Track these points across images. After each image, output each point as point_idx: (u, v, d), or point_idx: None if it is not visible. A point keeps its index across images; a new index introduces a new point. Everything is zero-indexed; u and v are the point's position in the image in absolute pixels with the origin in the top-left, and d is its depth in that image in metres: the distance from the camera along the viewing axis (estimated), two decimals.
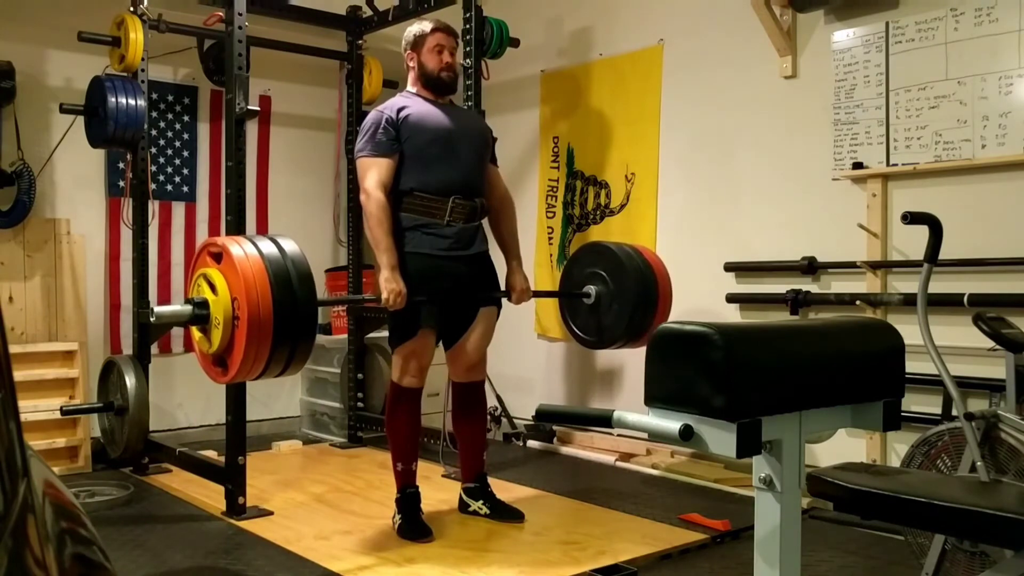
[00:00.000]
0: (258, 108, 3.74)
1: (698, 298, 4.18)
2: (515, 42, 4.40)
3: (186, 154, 5.01)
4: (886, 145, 3.59)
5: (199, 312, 2.75)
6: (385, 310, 3.14)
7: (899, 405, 1.59)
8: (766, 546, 1.47)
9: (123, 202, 4.46)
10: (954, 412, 2.60)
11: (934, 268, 2.57)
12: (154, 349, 4.44)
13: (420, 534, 3.18)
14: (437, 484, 3.93)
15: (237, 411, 3.54)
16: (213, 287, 2.73)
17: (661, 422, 1.36)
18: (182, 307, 2.80)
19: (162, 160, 4.91)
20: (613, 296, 3.70)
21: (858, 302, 3.60)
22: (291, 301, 2.71)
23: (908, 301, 3.36)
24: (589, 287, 3.76)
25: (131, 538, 3.21)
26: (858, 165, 3.64)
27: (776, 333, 1.52)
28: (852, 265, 3.64)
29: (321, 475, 4.21)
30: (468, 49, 4.15)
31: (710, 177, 4.28)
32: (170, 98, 4.94)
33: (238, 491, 3.49)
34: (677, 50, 4.44)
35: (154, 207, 4.61)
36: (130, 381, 3.91)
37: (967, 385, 3.16)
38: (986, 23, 3.29)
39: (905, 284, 3.50)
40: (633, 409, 1.43)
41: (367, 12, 4.95)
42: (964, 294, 3.24)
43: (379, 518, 3.42)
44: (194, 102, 5.03)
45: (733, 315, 4.14)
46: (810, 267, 3.80)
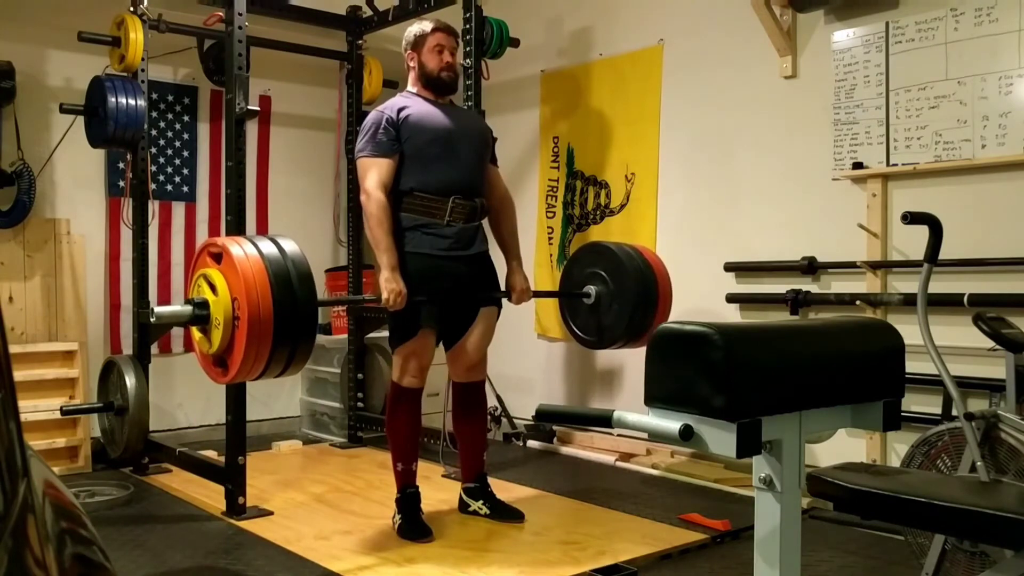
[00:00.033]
0: (258, 108, 3.74)
1: (698, 298, 4.18)
2: (515, 42, 4.40)
3: (186, 154, 5.01)
4: (886, 145, 3.59)
5: (199, 312, 2.76)
6: (385, 310, 3.14)
7: (899, 405, 1.59)
8: (766, 546, 1.47)
9: (123, 202, 4.46)
10: (954, 412, 2.60)
11: (934, 268, 2.58)
12: (154, 349, 4.44)
13: (420, 534, 3.18)
14: (437, 484, 3.93)
15: (237, 411, 3.55)
16: (213, 287, 2.73)
17: (661, 422, 1.36)
18: (182, 307, 2.80)
19: (162, 160, 4.91)
20: (613, 296, 3.70)
21: (858, 302, 3.61)
22: (291, 301, 2.71)
23: (908, 301, 3.37)
24: (589, 287, 3.76)
25: (131, 538, 3.21)
26: (858, 165, 3.64)
27: (776, 333, 1.52)
28: (852, 265, 3.64)
29: (321, 475, 4.21)
30: (468, 49, 4.15)
31: (710, 177, 4.28)
32: (170, 98, 4.94)
33: (238, 491, 3.49)
34: (677, 50, 4.44)
35: (154, 207, 4.61)
36: (130, 381, 3.91)
37: (967, 385, 3.16)
38: (986, 23, 3.30)
39: (905, 284, 3.50)
40: (633, 409, 1.43)
41: (367, 12, 4.95)
42: (964, 294, 3.24)
43: (379, 518, 3.42)
44: (194, 102, 5.03)
45: (733, 315, 4.14)
46: (810, 267, 3.80)
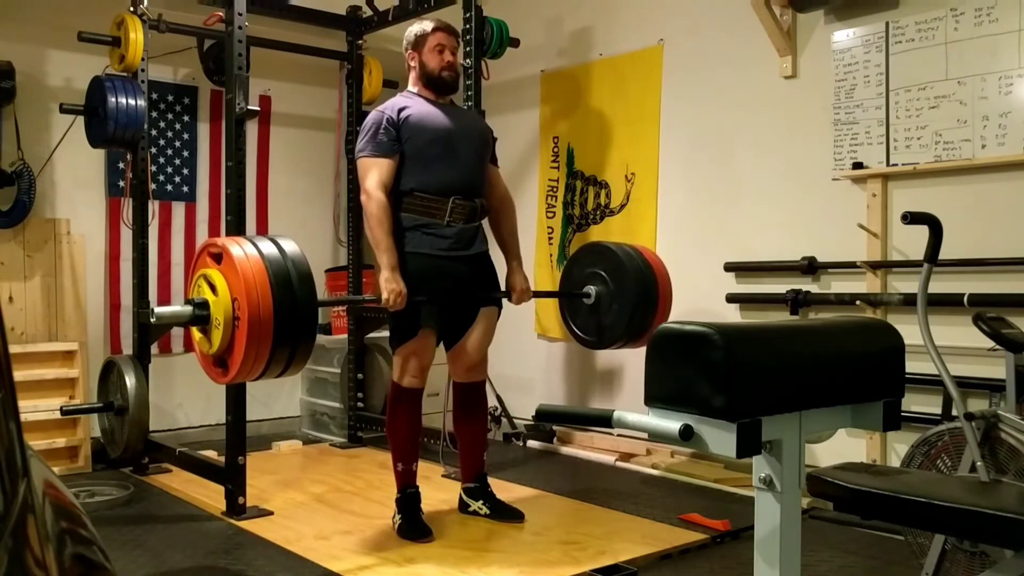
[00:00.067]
0: (258, 108, 3.74)
1: (698, 298, 4.18)
2: (515, 42, 4.40)
3: (186, 154, 5.01)
4: (886, 145, 3.59)
5: (199, 313, 2.76)
6: (385, 310, 3.14)
7: (899, 405, 1.59)
8: (766, 546, 1.47)
9: (123, 202, 4.46)
10: (954, 412, 2.60)
11: (934, 268, 2.58)
12: (154, 349, 4.44)
13: (420, 534, 3.18)
14: (437, 484, 3.93)
15: (237, 411, 3.54)
16: (213, 288, 2.73)
17: (661, 422, 1.36)
18: (182, 308, 2.80)
19: (162, 160, 4.91)
20: (613, 296, 3.70)
21: (858, 302, 3.61)
22: (291, 301, 2.71)
23: (908, 301, 3.37)
24: (589, 287, 3.76)
25: (131, 538, 3.21)
26: (858, 165, 3.64)
27: (776, 333, 1.52)
28: (852, 265, 3.64)
29: (321, 475, 4.21)
30: (468, 49, 4.15)
31: (710, 177, 4.28)
32: (170, 98, 4.94)
33: (238, 491, 3.49)
34: (677, 50, 4.44)
35: (154, 207, 4.61)
36: (130, 381, 3.91)
37: (967, 385, 3.16)
38: (986, 23, 3.30)
39: (905, 284, 3.50)
40: (633, 409, 1.43)
41: (367, 12, 4.95)
42: (964, 294, 3.24)
43: (379, 518, 3.42)
44: (194, 102, 5.03)
45: (733, 315, 4.14)
46: (810, 267, 3.80)
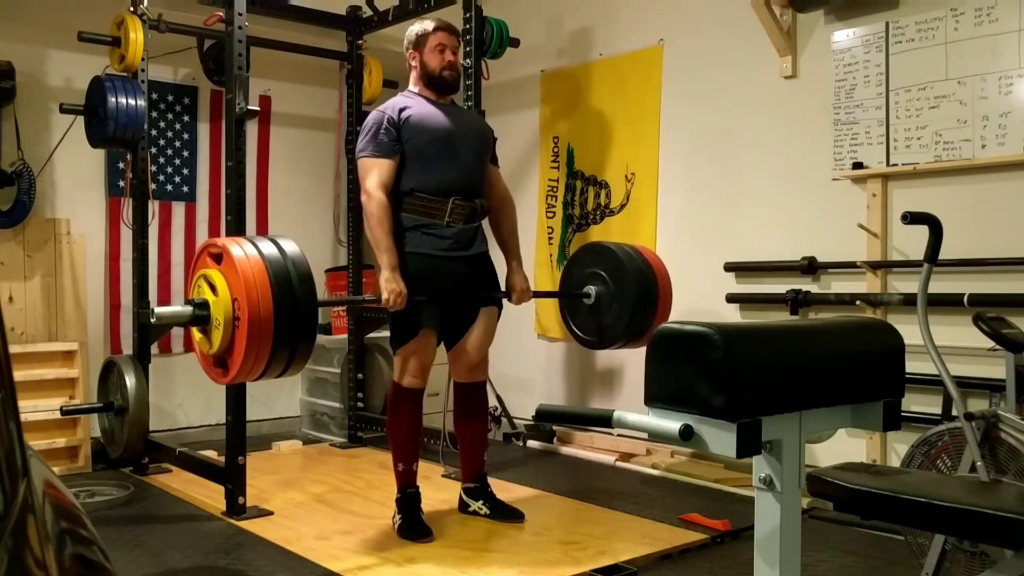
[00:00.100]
0: (258, 108, 3.74)
1: (698, 298, 4.18)
2: (515, 42, 4.40)
3: (186, 154, 5.01)
4: (886, 145, 3.59)
5: (199, 313, 2.76)
6: (385, 310, 3.14)
7: (899, 405, 1.59)
8: (766, 546, 1.47)
9: (123, 202, 4.46)
10: (954, 412, 2.60)
11: (934, 268, 2.58)
12: (154, 349, 4.44)
13: (420, 534, 3.18)
14: (437, 484, 3.93)
15: (237, 411, 3.54)
16: (213, 288, 2.73)
17: (661, 422, 1.36)
18: (182, 308, 2.80)
19: (162, 160, 4.91)
20: (613, 296, 3.70)
21: (858, 302, 3.60)
22: (291, 302, 2.71)
23: (908, 301, 3.37)
24: (589, 287, 3.76)
25: (131, 538, 3.21)
26: (858, 165, 3.64)
27: (776, 333, 1.52)
28: (852, 265, 3.64)
29: (321, 475, 4.21)
30: (468, 49, 4.14)
31: (710, 177, 4.28)
32: (170, 98, 4.94)
33: (238, 491, 3.49)
34: (677, 50, 4.44)
35: (154, 207, 4.61)
36: (130, 381, 3.91)
37: (967, 385, 3.16)
38: (986, 23, 3.29)
39: (905, 284, 3.50)
40: (633, 409, 1.43)
41: (367, 12, 4.95)
42: (964, 294, 3.24)
43: (379, 518, 3.42)
44: (194, 102, 5.03)
45: (733, 315, 4.14)
46: (810, 267, 3.80)
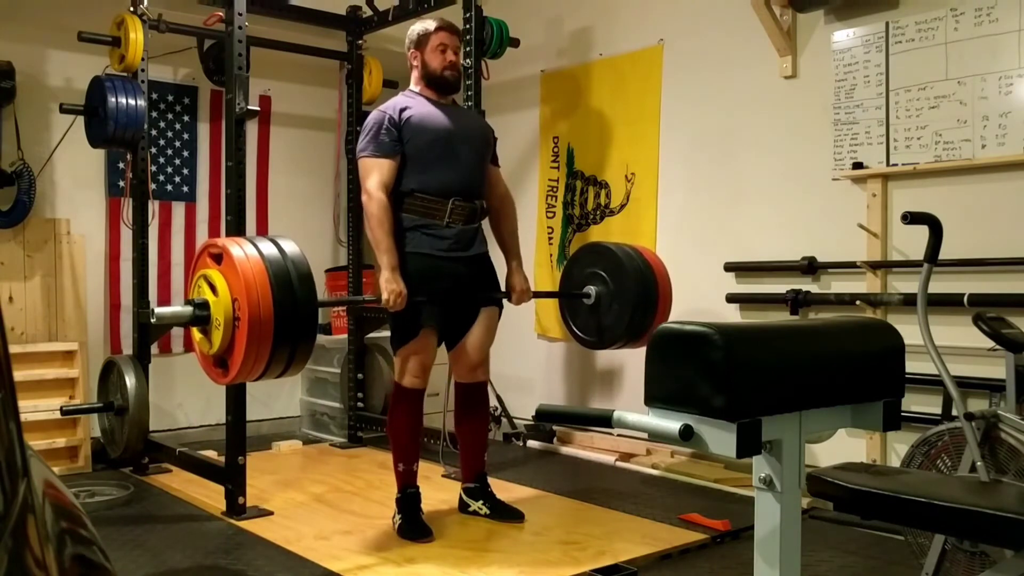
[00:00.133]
0: (258, 108, 3.74)
1: (698, 298, 4.18)
2: (515, 42, 4.39)
3: (186, 154, 5.01)
4: (886, 145, 3.59)
5: (199, 313, 2.76)
6: (385, 310, 3.14)
7: (899, 405, 1.59)
8: (766, 546, 1.47)
9: (123, 202, 4.46)
10: (954, 412, 2.60)
11: (934, 268, 2.58)
12: (154, 349, 4.44)
13: (420, 534, 3.18)
14: (437, 484, 3.93)
15: (237, 411, 3.54)
16: (213, 288, 2.73)
17: (661, 422, 1.36)
18: (182, 308, 2.80)
19: (162, 160, 4.91)
20: (613, 296, 3.70)
21: (858, 302, 3.60)
22: (291, 302, 2.71)
23: (908, 301, 3.36)
24: (589, 287, 3.76)
25: (131, 538, 3.21)
26: (858, 165, 3.64)
27: (776, 333, 1.52)
28: (852, 265, 3.64)
29: (321, 475, 4.21)
30: (468, 49, 4.14)
31: (710, 177, 4.28)
32: (170, 98, 4.94)
33: (238, 491, 3.49)
34: (677, 50, 4.44)
35: (154, 207, 4.61)
36: (130, 381, 3.91)
37: (967, 385, 3.16)
38: (986, 23, 3.29)
39: (905, 284, 3.50)
40: (633, 409, 1.43)
41: (367, 12, 4.94)
42: (964, 294, 3.24)
43: (379, 518, 3.42)
44: (194, 102, 5.03)
45: (733, 315, 4.14)
46: (810, 267, 3.80)
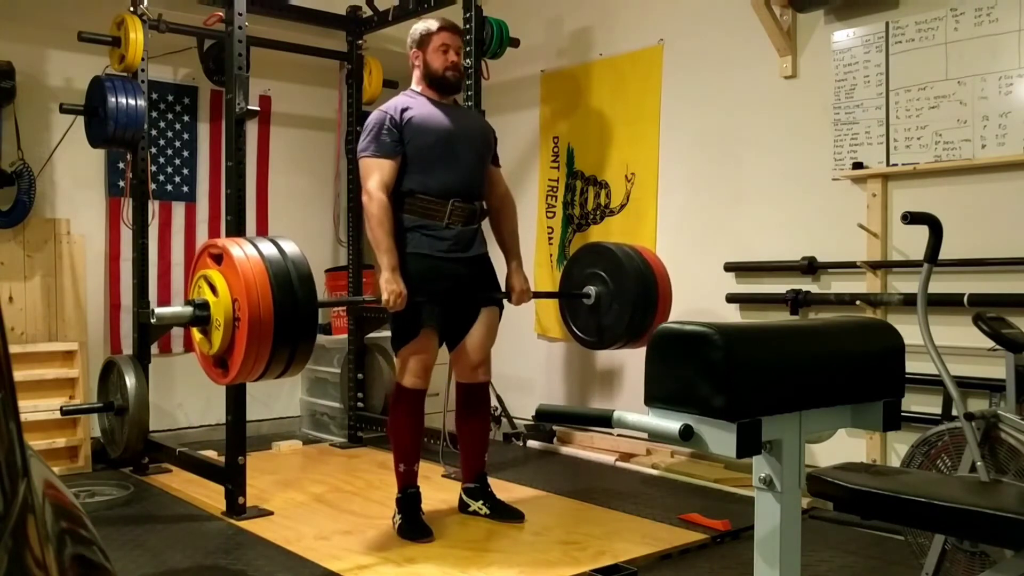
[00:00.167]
0: (258, 108, 3.74)
1: (698, 298, 4.18)
2: (515, 42, 4.39)
3: (186, 154, 5.01)
4: (886, 145, 3.59)
5: (199, 313, 2.76)
6: (385, 310, 3.14)
7: (899, 405, 1.59)
8: (766, 546, 1.47)
9: (123, 202, 4.46)
10: (954, 412, 2.60)
11: (934, 268, 2.58)
12: (154, 349, 4.44)
13: (420, 534, 3.18)
14: (437, 484, 3.93)
15: (237, 411, 3.54)
16: (214, 288, 2.73)
17: (661, 422, 1.36)
18: (183, 308, 2.80)
19: (162, 160, 4.91)
20: (613, 296, 3.70)
21: (858, 302, 3.60)
22: (292, 302, 2.71)
23: (908, 301, 3.36)
24: (589, 287, 3.76)
25: (131, 538, 3.21)
26: (858, 165, 3.64)
27: (776, 333, 1.52)
28: (852, 265, 3.64)
29: (321, 475, 4.21)
30: (468, 49, 4.14)
31: (710, 177, 4.28)
32: (170, 98, 4.94)
33: (238, 491, 3.49)
34: (677, 50, 4.44)
35: (154, 207, 4.61)
36: (130, 381, 3.91)
37: (967, 385, 3.16)
38: (986, 23, 3.29)
39: (905, 284, 3.50)
40: (633, 409, 1.43)
41: (367, 12, 4.94)
42: (964, 294, 3.24)
43: (379, 518, 3.42)
44: (194, 102, 5.03)
45: (733, 315, 4.13)
46: (810, 267, 3.80)
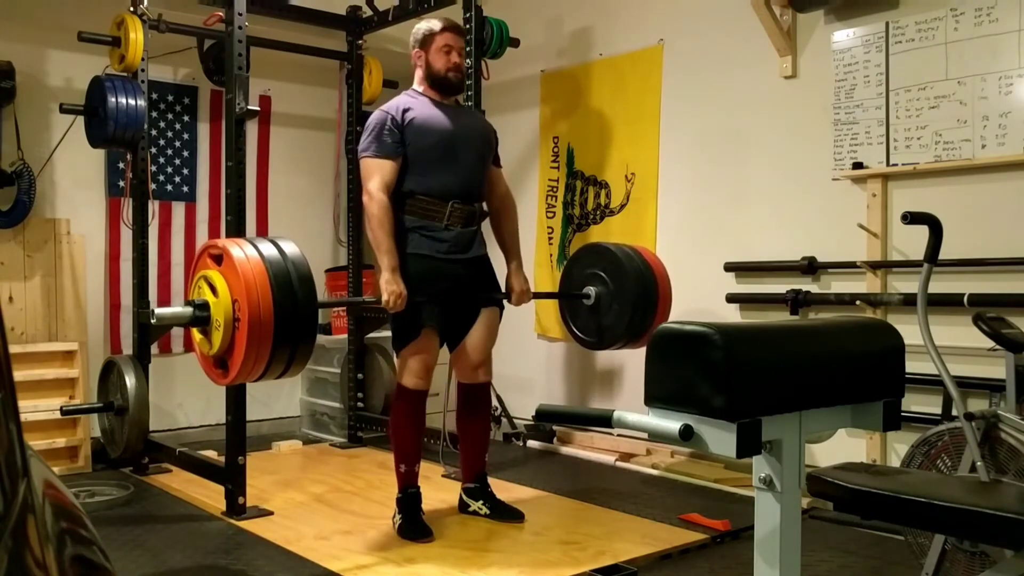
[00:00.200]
0: (258, 108, 3.74)
1: (698, 298, 4.18)
2: (515, 42, 4.39)
3: (186, 154, 5.01)
4: (886, 145, 3.59)
5: (200, 314, 2.76)
6: (385, 310, 3.14)
7: (899, 405, 1.59)
8: (766, 546, 1.47)
9: (123, 202, 4.46)
10: (954, 412, 2.60)
11: (934, 268, 2.58)
12: (154, 349, 4.44)
13: (420, 534, 3.18)
14: (437, 484, 3.93)
15: (237, 411, 3.54)
16: (214, 289, 2.73)
17: (661, 422, 1.36)
18: (183, 309, 2.80)
19: (162, 160, 4.91)
20: (613, 297, 3.70)
21: (858, 302, 3.60)
22: (292, 303, 2.71)
23: (908, 301, 3.36)
24: (589, 288, 3.76)
25: (131, 538, 3.21)
26: (858, 165, 3.64)
27: (776, 333, 1.52)
28: (852, 265, 3.64)
29: (321, 475, 4.21)
30: (468, 49, 4.14)
31: (710, 177, 4.28)
32: (170, 98, 4.94)
33: (238, 491, 3.49)
34: (677, 50, 4.44)
35: (154, 207, 4.61)
36: (130, 381, 3.91)
37: (967, 385, 3.16)
38: (986, 23, 3.29)
39: (905, 284, 3.50)
40: (633, 409, 1.43)
41: (367, 12, 4.94)
42: (964, 294, 3.24)
43: (379, 518, 3.42)
44: (194, 102, 5.03)
45: (733, 315, 4.13)
46: (810, 267, 3.80)
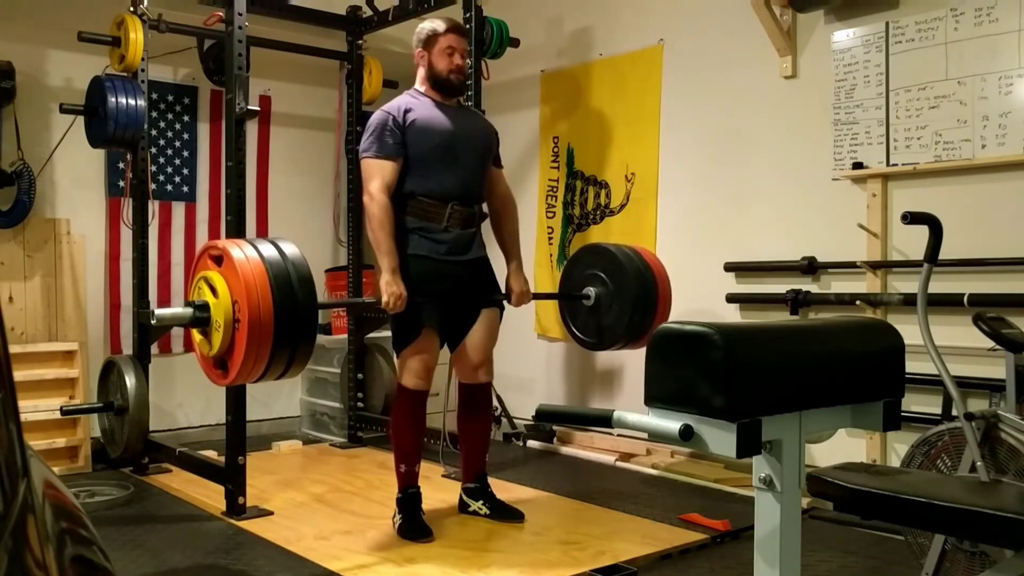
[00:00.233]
0: (258, 108, 3.74)
1: (698, 298, 4.18)
2: (515, 42, 4.40)
3: (186, 154, 5.01)
4: (886, 145, 3.59)
5: (200, 315, 2.76)
6: (385, 310, 3.14)
7: (899, 405, 1.59)
8: (766, 546, 1.47)
9: (123, 202, 4.46)
10: (954, 412, 2.60)
11: (934, 268, 2.58)
12: (154, 349, 4.44)
13: (420, 534, 3.18)
14: (437, 484, 3.93)
15: (237, 411, 3.54)
16: (214, 290, 2.73)
17: (661, 422, 1.36)
18: (183, 309, 2.80)
19: (162, 160, 4.91)
20: (613, 297, 3.70)
21: (858, 302, 3.60)
22: (292, 304, 2.71)
23: (908, 301, 3.37)
24: (589, 288, 3.76)
25: (131, 538, 3.21)
26: (858, 165, 3.64)
27: (776, 333, 1.52)
28: (852, 265, 3.64)
29: (321, 475, 4.21)
30: (468, 49, 4.14)
31: (710, 177, 4.28)
32: (170, 98, 4.94)
33: (238, 491, 3.49)
34: (677, 50, 4.44)
35: (154, 207, 4.61)
36: (130, 381, 3.91)
37: (967, 385, 3.16)
38: (986, 23, 3.29)
39: (905, 284, 3.50)
40: (633, 409, 1.43)
41: (367, 12, 4.94)
42: (964, 294, 3.24)
43: (379, 518, 3.42)
44: (194, 102, 5.03)
45: (733, 315, 4.14)
46: (810, 267, 3.80)
